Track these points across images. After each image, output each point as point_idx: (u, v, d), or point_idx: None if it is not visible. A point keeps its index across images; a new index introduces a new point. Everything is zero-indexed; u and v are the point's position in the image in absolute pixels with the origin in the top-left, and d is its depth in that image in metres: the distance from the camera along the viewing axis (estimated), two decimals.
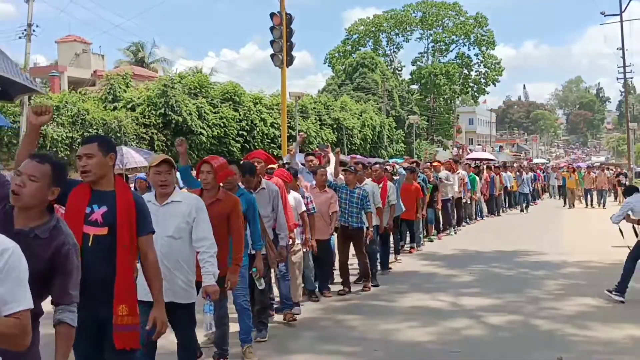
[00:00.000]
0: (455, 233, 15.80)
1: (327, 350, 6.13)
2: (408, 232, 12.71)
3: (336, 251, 9.16)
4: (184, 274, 4.34)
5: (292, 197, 7.28)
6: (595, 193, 25.78)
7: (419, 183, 12.39)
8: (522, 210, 22.79)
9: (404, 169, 12.22)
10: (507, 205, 23.85)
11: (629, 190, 8.79)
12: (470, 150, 61.93)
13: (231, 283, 5.10)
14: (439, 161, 16.84)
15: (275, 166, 7.78)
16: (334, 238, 9.01)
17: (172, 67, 47.60)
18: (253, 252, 5.83)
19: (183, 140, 5.42)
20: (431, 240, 14.28)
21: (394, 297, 8.47)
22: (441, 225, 15.44)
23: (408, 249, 12.75)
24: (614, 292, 7.85)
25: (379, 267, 9.99)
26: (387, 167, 11.20)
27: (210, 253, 4.36)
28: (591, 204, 25.36)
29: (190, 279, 4.38)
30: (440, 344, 6.31)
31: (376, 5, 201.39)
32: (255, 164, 6.67)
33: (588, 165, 35.79)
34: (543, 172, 32.74)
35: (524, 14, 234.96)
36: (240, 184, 6.03)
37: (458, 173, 16.59)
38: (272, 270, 6.72)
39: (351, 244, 8.87)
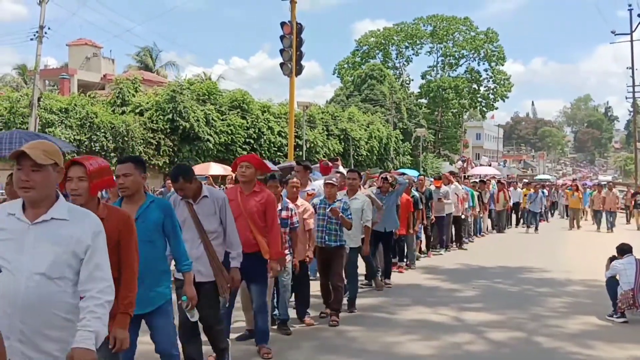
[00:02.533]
0: (447, 250, 14.91)
1: None
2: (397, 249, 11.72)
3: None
4: (58, 337, 2.67)
5: None
6: (604, 214, 23.09)
7: (412, 197, 11.84)
8: (528, 228, 21.48)
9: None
10: (514, 223, 23.26)
11: (623, 250, 8.17)
12: (474, 164, 61.72)
13: (119, 342, 3.38)
14: (438, 178, 15.68)
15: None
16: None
17: (180, 72, 47.97)
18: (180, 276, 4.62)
19: None
20: (417, 259, 13.06)
21: (395, 309, 8.42)
22: (432, 242, 14.53)
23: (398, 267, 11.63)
24: (614, 316, 7.80)
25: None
26: (387, 176, 10.58)
27: (108, 298, 2.75)
28: (599, 226, 22.93)
29: (66, 346, 2.65)
30: (441, 358, 6.26)
31: (386, 17, 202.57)
32: (244, 169, 5.83)
33: (596, 184, 32.94)
34: (552, 189, 31.11)
35: (532, 30, 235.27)
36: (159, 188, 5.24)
37: (452, 186, 15.57)
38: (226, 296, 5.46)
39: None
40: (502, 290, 10.25)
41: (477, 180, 21.02)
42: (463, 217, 16.13)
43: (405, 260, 12.16)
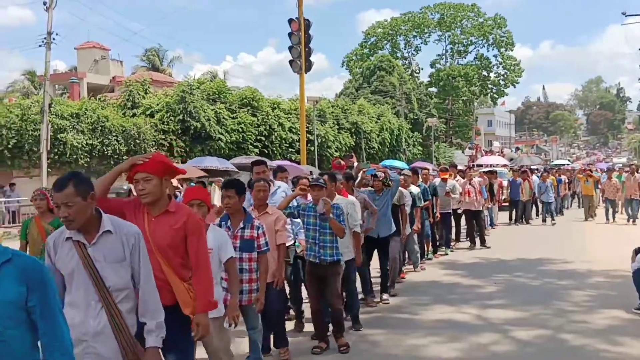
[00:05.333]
0: (451, 251, 13.66)
1: None
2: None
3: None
4: None
5: (212, 234, 4.62)
6: (620, 204, 20.11)
7: (411, 193, 10.43)
8: (544, 221, 19.65)
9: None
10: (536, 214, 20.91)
11: None
12: (484, 151, 61.01)
13: None
14: (446, 169, 14.27)
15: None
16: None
17: (188, 70, 48.18)
18: None
19: None
20: (429, 259, 12.37)
21: (417, 309, 8.32)
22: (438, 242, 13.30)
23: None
24: None
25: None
26: (377, 172, 8.99)
27: None
28: (613, 218, 19.64)
29: None
30: None
31: (391, 6, 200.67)
32: (142, 185, 3.79)
33: (608, 167, 27.65)
34: (572, 177, 27.18)
35: (539, 14, 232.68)
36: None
37: (457, 180, 14.41)
38: None
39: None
40: (523, 284, 10.11)
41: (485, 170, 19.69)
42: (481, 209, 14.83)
43: (407, 262, 11.06)
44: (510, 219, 19.86)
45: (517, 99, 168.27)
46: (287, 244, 6.52)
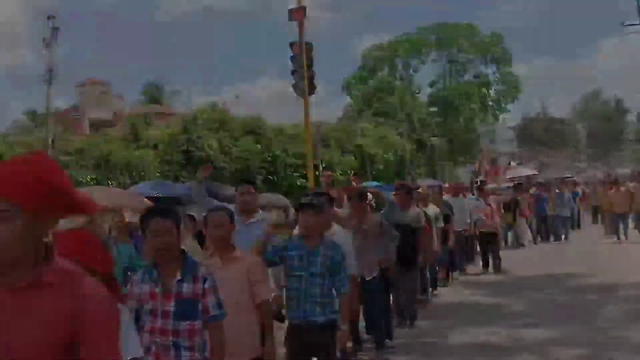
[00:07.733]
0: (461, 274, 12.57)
1: None
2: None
3: None
4: None
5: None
6: (632, 218, 17.47)
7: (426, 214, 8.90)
8: (557, 239, 18.05)
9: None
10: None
11: None
12: (487, 167, 60.12)
13: None
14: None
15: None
16: None
17: (189, 102, 48.19)
18: None
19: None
20: (445, 285, 11.22)
21: (444, 332, 7.89)
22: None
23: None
24: None
25: None
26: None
27: None
28: (625, 235, 17.01)
29: None
30: None
31: (386, 30, 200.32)
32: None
33: (615, 179, 27.30)
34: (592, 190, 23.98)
35: (533, 30, 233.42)
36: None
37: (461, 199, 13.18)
38: None
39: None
40: (551, 300, 9.70)
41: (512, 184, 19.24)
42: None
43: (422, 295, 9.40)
44: (541, 236, 18.32)
45: (517, 115, 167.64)
46: None
